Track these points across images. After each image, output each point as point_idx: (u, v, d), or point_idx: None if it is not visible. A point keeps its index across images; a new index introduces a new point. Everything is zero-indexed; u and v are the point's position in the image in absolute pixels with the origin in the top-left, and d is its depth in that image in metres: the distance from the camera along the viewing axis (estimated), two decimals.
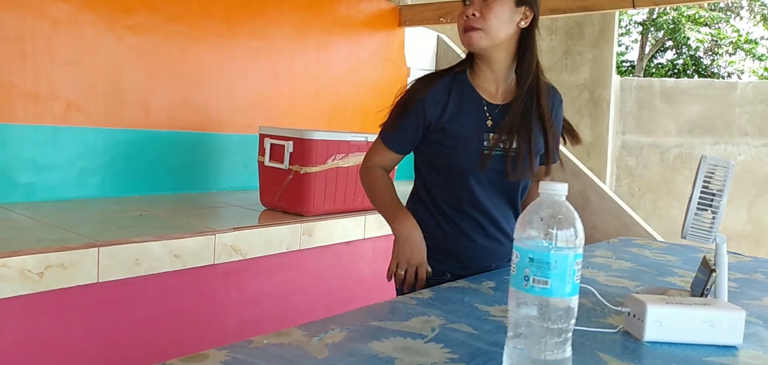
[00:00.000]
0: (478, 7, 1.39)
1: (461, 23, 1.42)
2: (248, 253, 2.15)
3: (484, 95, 1.47)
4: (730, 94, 6.43)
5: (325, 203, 2.49)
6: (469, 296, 1.29)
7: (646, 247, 2.11)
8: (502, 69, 1.46)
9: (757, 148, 6.32)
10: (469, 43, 1.42)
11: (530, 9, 1.42)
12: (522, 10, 1.41)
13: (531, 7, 1.42)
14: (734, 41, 12.33)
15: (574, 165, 4.03)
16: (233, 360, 0.87)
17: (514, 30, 1.42)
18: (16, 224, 1.98)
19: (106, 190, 2.62)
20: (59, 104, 2.46)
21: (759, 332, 1.16)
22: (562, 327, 0.82)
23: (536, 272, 0.81)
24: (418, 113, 1.46)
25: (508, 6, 1.39)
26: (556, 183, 0.84)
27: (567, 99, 6.24)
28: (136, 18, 2.68)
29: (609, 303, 1.17)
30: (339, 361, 0.89)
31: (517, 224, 0.85)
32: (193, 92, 2.92)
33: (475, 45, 1.41)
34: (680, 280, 1.60)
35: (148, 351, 1.89)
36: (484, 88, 1.48)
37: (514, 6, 1.40)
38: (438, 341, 1.00)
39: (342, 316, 1.11)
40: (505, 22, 1.39)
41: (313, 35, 3.50)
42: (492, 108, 1.46)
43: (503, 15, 1.38)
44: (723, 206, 1.22)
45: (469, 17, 1.39)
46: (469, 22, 1.40)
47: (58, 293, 1.66)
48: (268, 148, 2.52)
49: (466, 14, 1.40)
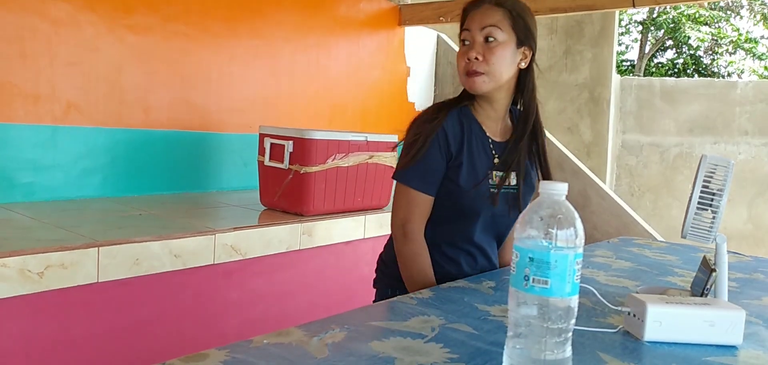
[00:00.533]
0: (480, 50, 1.37)
1: (463, 65, 1.39)
2: (248, 253, 2.15)
3: (488, 132, 1.45)
4: (731, 93, 6.43)
5: (325, 203, 2.49)
6: (469, 295, 1.29)
7: (647, 247, 2.11)
8: (503, 108, 1.46)
9: (758, 147, 6.32)
10: (471, 86, 1.39)
11: (529, 48, 1.42)
12: (522, 51, 1.41)
13: (530, 46, 1.42)
14: (734, 40, 12.32)
15: (574, 164, 4.03)
16: (233, 359, 0.87)
17: (515, 70, 1.42)
18: (16, 224, 1.98)
19: (106, 190, 2.62)
20: (59, 103, 2.46)
21: (759, 332, 1.16)
22: (562, 326, 0.82)
23: (536, 271, 0.81)
24: (443, 145, 1.38)
25: (510, 49, 1.38)
26: (556, 183, 0.84)
27: (567, 98, 6.27)
28: (136, 18, 2.68)
29: (609, 302, 1.17)
30: (339, 361, 0.89)
31: (517, 224, 0.85)
32: (193, 92, 2.92)
33: (478, 89, 1.39)
34: (680, 280, 1.60)
35: (148, 351, 1.89)
36: (487, 125, 1.46)
37: (516, 48, 1.39)
38: (438, 341, 1.00)
39: (342, 316, 1.10)
40: (508, 65, 1.38)
41: (313, 35, 3.50)
42: (496, 145, 1.45)
43: (505, 58, 1.37)
44: (723, 205, 1.22)
45: (471, 60, 1.37)
46: (471, 66, 1.37)
47: (58, 293, 1.66)
48: (268, 148, 2.52)
49: (468, 57, 1.37)
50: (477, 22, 1.38)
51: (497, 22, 1.37)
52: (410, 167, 1.39)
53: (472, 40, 1.38)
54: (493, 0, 1.39)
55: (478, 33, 1.37)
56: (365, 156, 2.62)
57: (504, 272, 1.55)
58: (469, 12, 1.41)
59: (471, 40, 1.39)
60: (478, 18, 1.38)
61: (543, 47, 6.17)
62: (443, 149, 1.38)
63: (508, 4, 1.39)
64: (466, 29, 1.40)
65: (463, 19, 1.43)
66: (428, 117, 1.41)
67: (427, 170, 1.38)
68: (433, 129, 1.37)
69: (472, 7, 1.41)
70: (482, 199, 1.40)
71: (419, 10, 4.09)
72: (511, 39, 1.38)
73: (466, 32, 1.40)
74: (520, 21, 1.39)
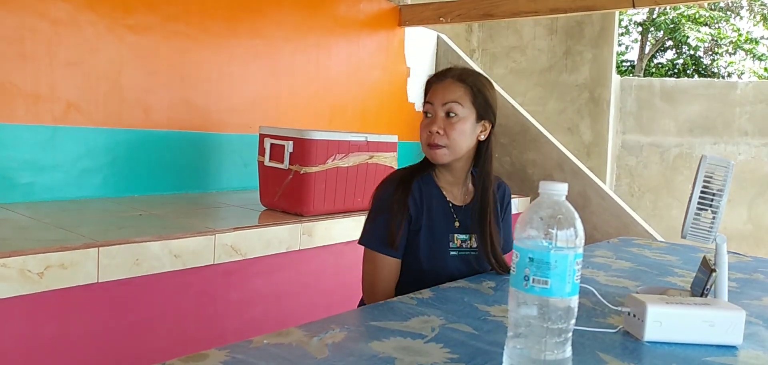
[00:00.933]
0: (441, 125, 1.42)
1: (424, 137, 1.45)
2: (248, 253, 2.15)
3: (449, 197, 1.51)
4: (730, 93, 6.43)
5: (325, 203, 2.49)
6: (468, 296, 1.29)
7: (646, 247, 2.11)
8: (462, 174, 1.51)
9: (757, 148, 6.32)
10: (433, 158, 1.45)
11: (489, 121, 1.47)
12: (482, 124, 1.46)
13: (489, 119, 1.47)
14: (734, 41, 12.32)
15: (574, 165, 4.04)
16: (233, 360, 0.87)
17: (475, 142, 1.47)
18: (16, 224, 1.97)
19: (106, 190, 2.62)
20: (59, 104, 2.46)
21: (759, 332, 1.16)
22: (562, 327, 0.82)
23: (536, 272, 0.81)
24: (403, 211, 1.44)
25: (470, 123, 1.44)
26: (556, 183, 0.84)
27: (567, 99, 6.27)
28: (136, 18, 2.68)
29: (609, 303, 1.17)
30: (339, 361, 0.89)
31: (517, 224, 0.85)
32: (193, 92, 2.92)
33: (439, 160, 1.45)
34: (680, 280, 1.60)
35: (148, 351, 1.88)
36: (448, 189, 1.51)
37: (475, 122, 1.45)
38: (438, 341, 1.00)
39: (342, 316, 1.11)
40: (467, 138, 1.44)
41: (313, 35, 3.50)
42: (457, 209, 1.50)
43: (465, 133, 1.43)
44: (723, 205, 1.22)
45: (433, 133, 1.43)
46: (432, 139, 1.43)
47: (58, 293, 1.65)
48: (268, 148, 2.52)
49: (430, 130, 1.43)
50: (439, 97, 1.43)
51: (458, 98, 1.42)
52: (375, 233, 1.45)
53: (434, 114, 1.44)
54: (455, 76, 1.45)
55: (440, 108, 1.43)
56: (365, 156, 2.62)
57: None
58: (432, 85, 1.47)
59: (433, 113, 1.44)
60: (441, 93, 1.44)
61: (543, 47, 6.17)
62: (405, 215, 1.43)
63: (470, 81, 1.44)
64: (429, 102, 1.46)
65: (427, 91, 1.48)
66: (392, 186, 1.46)
67: (390, 233, 1.42)
68: (396, 197, 1.43)
69: (436, 80, 1.47)
70: (443, 260, 1.45)
71: (419, 10, 4.09)
72: (472, 113, 1.44)
73: (428, 105, 1.46)
74: (480, 97, 1.44)
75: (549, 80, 6.17)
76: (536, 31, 6.18)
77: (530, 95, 6.20)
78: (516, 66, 6.32)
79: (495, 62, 6.40)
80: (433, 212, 1.47)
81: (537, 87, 6.21)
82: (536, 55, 6.21)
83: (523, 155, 4.16)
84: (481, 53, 6.47)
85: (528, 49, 6.25)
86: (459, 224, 1.48)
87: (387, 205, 1.44)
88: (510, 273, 0.86)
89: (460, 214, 1.50)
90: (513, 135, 4.19)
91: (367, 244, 1.47)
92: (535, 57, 6.21)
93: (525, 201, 3.84)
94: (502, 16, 3.85)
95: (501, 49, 6.38)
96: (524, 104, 5.87)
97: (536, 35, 6.19)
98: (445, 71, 1.48)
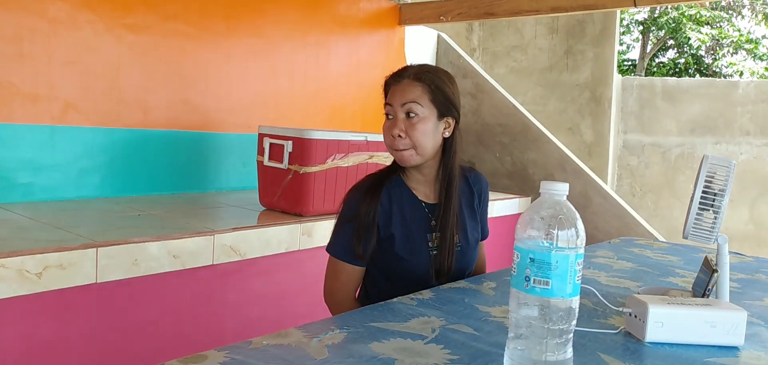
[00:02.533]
0: (402, 127, 1.40)
1: (388, 140, 1.43)
2: (247, 253, 2.14)
3: (421, 197, 1.48)
4: (732, 93, 6.42)
5: (324, 203, 2.49)
6: (469, 297, 1.28)
7: (648, 247, 2.10)
8: (432, 173, 1.48)
9: (759, 147, 6.31)
10: (401, 160, 1.43)
11: (452, 118, 1.44)
12: (445, 121, 1.43)
13: (453, 116, 1.44)
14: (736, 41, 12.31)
15: (576, 165, 4.03)
16: (232, 360, 0.86)
17: (440, 140, 1.44)
18: (14, 225, 1.97)
19: (105, 190, 2.62)
20: (58, 103, 2.45)
21: (760, 332, 1.15)
22: (563, 327, 0.82)
23: (537, 272, 0.81)
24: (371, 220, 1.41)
25: (431, 122, 1.40)
26: (557, 183, 0.83)
27: (568, 98, 6.26)
28: (134, 17, 2.67)
29: (610, 303, 1.16)
30: (339, 362, 0.88)
31: (518, 225, 0.85)
32: (192, 92, 2.91)
33: (407, 163, 1.43)
34: (682, 280, 1.59)
35: (147, 351, 1.88)
36: (418, 189, 1.49)
37: (437, 120, 1.41)
38: (438, 342, 0.99)
39: (342, 317, 1.10)
40: (430, 137, 1.41)
41: (313, 34, 3.50)
42: (431, 208, 1.47)
43: (427, 132, 1.40)
44: (725, 206, 1.21)
45: (395, 137, 1.40)
46: (395, 143, 1.41)
47: (57, 293, 1.65)
48: (267, 148, 2.52)
49: (392, 133, 1.41)
50: (398, 98, 1.41)
51: (417, 98, 1.39)
52: (339, 241, 1.43)
53: (394, 115, 1.42)
54: (412, 74, 1.42)
55: (399, 109, 1.40)
56: (365, 156, 2.61)
57: (505, 272, 1.54)
58: (391, 85, 1.44)
59: (393, 114, 1.42)
60: (399, 94, 1.41)
61: (544, 46, 6.17)
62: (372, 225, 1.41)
63: (427, 79, 1.41)
64: (389, 104, 1.43)
65: (386, 92, 1.46)
66: (359, 194, 1.44)
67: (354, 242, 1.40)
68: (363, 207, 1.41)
69: (393, 81, 1.44)
70: (421, 261, 1.43)
71: (419, 9, 4.09)
72: (432, 112, 1.40)
73: (388, 107, 1.43)
74: (439, 94, 1.41)
75: (550, 80, 6.16)
76: (537, 30, 6.17)
77: (531, 95, 6.19)
78: (517, 65, 6.31)
79: (496, 61, 6.40)
80: (407, 214, 1.45)
81: (538, 86, 6.20)
82: (537, 55, 6.20)
83: (524, 155, 4.15)
84: (482, 52, 6.46)
85: (529, 48, 6.24)
86: (435, 222, 1.46)
87: (353, 214, 1.42)
88: (511, 273, 0.85)
89: (435, 212, 1.47)
90: (514, 135, 4.18)
91: (332, 252, 1.45)
92: (536, 56, 6.21)
93: (526, 201, 3.84)
94: (502, 15, 3.84)
95: (502, 49, 6.38)
96: (525, 104, 5.87)
97: (537, 34, 6.18)
98: (402, 71, 1.45)
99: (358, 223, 1.40)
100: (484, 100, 4.23)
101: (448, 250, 1.43)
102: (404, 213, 1.44)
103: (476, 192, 1.57)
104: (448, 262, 1.43)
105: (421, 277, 1.42)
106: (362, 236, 1.40)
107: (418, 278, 1.42)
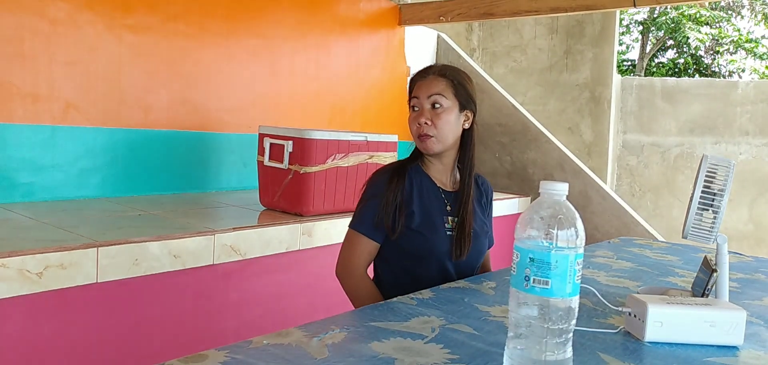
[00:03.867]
0: (428, 116, 1.53)
1: (415, 129, 1.55)
2: (248, 253, 2.15)
3: (439, 184, 1.60)
4: (731, 93, 6.43)
5: (324, 203, 2.49)
6: (469, 296, 1.28)
7: (647, 247, 2.10)
8: (450, 162, 1.62)
9: (759, 147, 6.32)
10: (424, 148, 1.56)
11: (471, 111, 1.58)
12: (464, 114, 1.57)
13: (471, 110, 1.58)
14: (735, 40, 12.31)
15: (575, 165, 4.03)
16: (233, 360, 0.87)
17: (460, 131, 1.58)
18: (15, 224, 1.97)
19: (106, 190, 2.62)
20: (58, 103, 2.46)
21: (760, 332, 1.16)
22: (563, 327, 0.82)
23: (537, 272, 0.81)
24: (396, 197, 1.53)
25: (454, 113, 1.54)
26: (556, 183, 0.83)
27: (567, 98, 6.26)
28: (135, 17, 2.67)
29: (610, 303, 1.17)
30: (339, 362, 0.88)
31: (518, 224, 0.85)
32: (192, 92, 2.91)
33: (430, 150, 1.55)
34: (681, 280, 1.60)
35: (147, 351, 1.88)
36: (437, 178, 1.61)
37: (458, 112, 1.55)
38: (438, 341, 0.99)
39: (342, 316, 1.10)
40: (453, 128, 1.54)
41: (313, 34, 3.50)
42: (448, 195, 1.60)
43: (450, 122, 1.54)
44: (724, 205, 1.21)
45: (421, 125, 1.53)
46: (422, 130, 1.53)
47: (58, 293, 1.65)
48: (267, 148, 2.52)
49: (419, 122, 1.53)
50: (424, 91, 1.54)
51: (442, 91, 1.53)
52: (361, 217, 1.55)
53: (420, 107, 1.55)
54: (437, 71, 1.56)
55: (425, 100, 1.54)
56: (365, 156, 2.62)
57: (504, 272, 1.54)
58: (417, 81, 1.58)
59: (420, 106, 1.55)
60: (425, 87, 1.55)
61: (543, 47, 6.17)
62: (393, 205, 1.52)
63: (450, 74, 1.56)
64: (415, 97, 1.56)
65: (412, 88, 1.59)
66: (386, 175, 1.56)
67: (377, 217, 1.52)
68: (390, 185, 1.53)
69: (420, 77, 1.58)
70: (439, 242, 1.53)
71: (419, 9, 4.09)
72: (455, 104, 1.54)
73: (415, 100, 1.56)
74: (461, 89, 1.55)
75: (549, 80, 6.17)
76: (537, 31, 6.17)
77: (531, 95, 6.20)
78: (516, 65, 6.32)
79: (495, 61, 6.40)
80: (425, 197, 1.55)
81: (537, 86, 6.21)
82: (537, 55, 6.21)
83: (523, 155, 4.15)
84: (482, 52, 6.46)
85: (528, 48, 6.24)
86: (450, 207, 1.57)
87: (379, 191, 1.53)
88: (510, 273, 0.85)
89: (451, 199, 1.59)
90: (513, 135, 4.18)
91: (355, 227, 1.55)
92: (536, 56, 6.21)
93: (525, 201, 3.84)
94: (502, 15, 3.85)
95: (501, 49, 6.38)
96: (525, 104, 5.87)
97: (537, 34, 6.18)
98: (428, 68, 1.58)
99: (384, 199, 1.51)
100: (483, 100, 4.23)
101: (466, 233, 1.53)
102: (423, 196, 1.55)
103: (484, 192, 1.70)
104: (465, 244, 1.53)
105: (440, 256, 1.52)
106: (388, 212, 1.51)
107: (437, 256, 1.52)
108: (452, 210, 1.57)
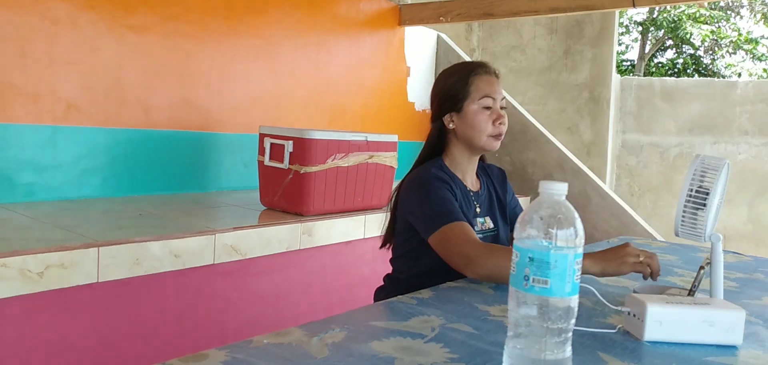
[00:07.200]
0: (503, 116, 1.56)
1: (491, 129, 1.53)
2: (248, 253, 2.15)
3: (467, 184, 1.61)
4: (731, 93, 6.43)
5: (324, 203, 2.49)
6: (468, 295, 1.29)
7: (646, 246, 2.10)
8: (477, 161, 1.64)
9: (758, 147, 6.32)
10: (494, 147, 1.56)
11: None
12: None
13: None
14: (734, 40, 12.32)
15: (574, 164, 4.04)
16: (233, 359, 0.87)
17: None
18: (16, 224, 1.97)
19: (106, 190, 2.62)
20: (59, 103, 2.46)
21: (759, 331, 1.16)
22: (562, 326, 0.82)
23: (536, 271, 0.81)
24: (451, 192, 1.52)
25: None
26: (555, 182, 0.84)
27: (567, 98, 6.26)
28: (136, 17, 2.67)
29: (609, 302, 1.17)
30: (339, 361, 0.89)
31: (517, 224, 0.85)
32: (193, 92, 2.92)
33: (495, 148, 1.56)
34: (680, 280, 1.60)
35: (148, 351, 1.89)
36: (464, 178, 1.61)
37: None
38: (438, 341, 1.00)
39: (342, 316, 1.10)
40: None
41: (313, 34, 3.50)
42: (475, 195, 1.61)
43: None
44: (716, 203, 1.22)
45: (498, 126, 1.53)
46: (501, 130, 1.54)
47: (58, 293, 1.66)
48: (268, 147, 2.52)
49: (501, 122, 1.54)
50: (497, 91, 1.56)
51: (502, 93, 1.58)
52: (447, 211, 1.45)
53: (495, 107, 1.55)
54: (495, 72, 1.58)
55: (498, 102, 1.55)
56: (365, 156, 2.62)
57: None
58: (483, 77, 1.55)
59: (494, 106, 1.55)
60: (497, 88, 1.56)
61: (543, 47, 6.17)
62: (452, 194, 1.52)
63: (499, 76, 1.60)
64: (490, 97, 1.54)
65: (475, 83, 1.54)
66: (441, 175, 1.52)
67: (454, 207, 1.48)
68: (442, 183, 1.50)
69: (486, 73, 1.56)
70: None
71: (419, 10, 4.09)
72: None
73: (490, 100, 1.54)
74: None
75: (549, 80, 6.17)
76: (536, 31, 6.18)
77: (530, 95, 6.20)
78: (516, 65, 6.32)
79: (495, 61, 6.38)
80: (460, 197, 1.55)
81: (537, 86, 6.21)
82: (536, 55, 6.21)
83: (523, 155, 4.16)
84: (481, 52, 6.47)
85: (528, 48, 6.24)
86: (480, 208, 1.59)
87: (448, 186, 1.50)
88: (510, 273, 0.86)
89: (477, 199, 1.61)
90: (513, 134, 4.19)
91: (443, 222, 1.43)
92: (535, 56, 6.21)
93: (525, 201, 3.84)
94: (502, 16, 3.85)
95: (501, 49, 6.38)
96: (524, 104, 5.87)
97: (536, 35, 6.19)
98: (489, 67, 1.58)
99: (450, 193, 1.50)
100: None
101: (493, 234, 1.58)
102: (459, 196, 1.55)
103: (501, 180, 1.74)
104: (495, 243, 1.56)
105: None
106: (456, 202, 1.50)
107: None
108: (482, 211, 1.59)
